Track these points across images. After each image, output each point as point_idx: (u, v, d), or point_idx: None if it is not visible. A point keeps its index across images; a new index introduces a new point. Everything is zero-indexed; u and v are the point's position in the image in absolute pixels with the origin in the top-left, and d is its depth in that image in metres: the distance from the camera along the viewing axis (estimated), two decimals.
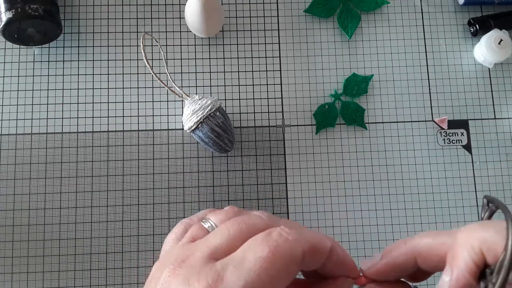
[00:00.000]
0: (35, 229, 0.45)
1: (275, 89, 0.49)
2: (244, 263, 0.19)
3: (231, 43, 0.50)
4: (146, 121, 0.48)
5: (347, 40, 0.50)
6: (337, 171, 0.48)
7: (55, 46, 0.48)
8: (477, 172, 0.49)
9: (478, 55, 0.50)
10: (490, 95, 0.50)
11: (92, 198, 0.46)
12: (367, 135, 0.49)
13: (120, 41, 0.49)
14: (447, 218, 0.47)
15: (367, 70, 0.50)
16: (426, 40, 0.51)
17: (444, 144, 0.49)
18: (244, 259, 0.20)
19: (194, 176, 0.47)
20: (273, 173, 0.47)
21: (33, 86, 0.48)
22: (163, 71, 0.48)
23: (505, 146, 0.49)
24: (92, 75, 0.48)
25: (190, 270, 0.20)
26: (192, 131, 0.43)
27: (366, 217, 0.47)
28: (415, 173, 0.48)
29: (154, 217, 0.46)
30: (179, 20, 0.50)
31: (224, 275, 0.19)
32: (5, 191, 0.45)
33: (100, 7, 0.49)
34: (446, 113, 0.50)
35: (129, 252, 0.45)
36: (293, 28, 0.50)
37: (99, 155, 0.47)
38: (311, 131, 0.48)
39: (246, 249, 0.20)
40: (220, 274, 0.19)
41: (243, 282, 0.19)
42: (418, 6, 0.52)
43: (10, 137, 0.46)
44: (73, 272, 0.44)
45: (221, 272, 0.19)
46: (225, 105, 0.48)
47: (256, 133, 0.48)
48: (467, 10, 0.52)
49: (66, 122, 0.47)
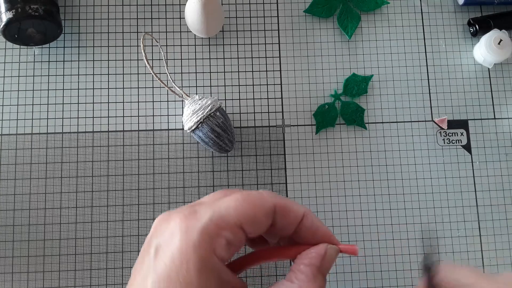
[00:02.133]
0: (35, 229, 0.45)
1: (275, 89, 0.49)
2: (217, 203, 0.24)
3: (231, 43, 0.50)
4: (146, 121, 0.48)
5: (347, 40, 0.50)
6: (337, 171, 0.48)
7: (55, 46, 0.48)
8: (476, 172, 0.49)
9: (478, 55, 0.50)
10: (490, 95, 0.50)
11: (92, 198, 0.46)
12: (367, 135, 0.49)
13: (120, 41, 0.49)
14: (447, 218, 0.47)
15: (367, 70, 0.50)
16: (426, 40, 0.51)
17: (443, 144, 0.49)
18: (218, 201, 0.24)
19: (194, 176, 0.47)
20: (273, 173, 0.47)
21: (33, 86, 0.48)
22: (163, 71, 0.48)
23: (505, 146, 0.49)
24: (92, 75, 0.48)
25: (173, 214, 0.24)
26: (192, 131, 0.43)
27: (366, 217, 0.47)
28: (414, 173, 0.48)
29: (154, 217, 0.46)
30: (179, 20, 0.50)
31: (199, 210, 0.23)
32: (5, 191, 0.45)
33: (100, 7, 0.49)
34: (445, 113, 0.50)
35: (129, 252, 0.45)
36: (293, 28, 0.50)
37: (99, 155, 0.47)
38: (311, 131, 0.48)
39: (223, 198, 0.24)
40: (196, 210, 0.23)
41: (211, 213, 0.23)
42: (418, 6, 0.52)
43: (10, 137, 0.46)
44: (73, 272, 0.44)
45: (197, 208, 0.23)
46: (225, 105, 0.48)
47: (256, 133, 0.48)
48: (467, 10, 0.52)
49: (66, 122, 0.47)
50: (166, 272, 0.22)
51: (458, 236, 0.47)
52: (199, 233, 0.22)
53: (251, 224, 0.23)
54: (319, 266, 0.24)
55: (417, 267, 0.46)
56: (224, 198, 0.24)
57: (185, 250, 0.22)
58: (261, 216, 0.24)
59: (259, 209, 0.23)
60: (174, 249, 0.22)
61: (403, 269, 0.46)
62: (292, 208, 0.25)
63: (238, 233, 0.23)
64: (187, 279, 0.21)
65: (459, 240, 0.47)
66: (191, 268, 0.21)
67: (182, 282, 0.21)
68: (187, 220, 0.23)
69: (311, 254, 0.24)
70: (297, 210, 0.25)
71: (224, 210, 0.23)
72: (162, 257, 0.22)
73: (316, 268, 0.24)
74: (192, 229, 0.22)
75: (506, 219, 0.48)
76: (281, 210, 0.24)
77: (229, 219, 0.23)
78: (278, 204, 0.24)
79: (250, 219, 0.23)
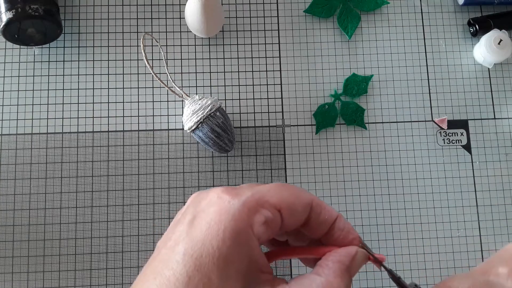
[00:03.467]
0: (35, 229, 0.45)
1: (275, 89, 0.49)
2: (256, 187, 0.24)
3: (231, 43, 0.50)
4: (146, 121, 0.48)
5: (347, 40, 0.50)
6: (337, 171, 0.48)
7: (55, 46, 0.48)
8: (476, 172, 0.49)
9: (478, 55, 0.50)
10: (490, 95, 0.50)
11: (92, 198, 0.46)
12: (367, 135, 0.49)
13: (120, 41, 0.49)
14: (447, 218, 0.47)
15: (367, 70, 0.50)
16: (426, 40, 0.51)
17: (443, 144, 0.49)
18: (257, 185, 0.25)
19: (194, 176, 0.47)
20: (273, 173, 0.47)
21: (33, 86, 0.48)
22: (163, 71, 0.48)
23: (505, 146, 0.49)
24: (92, 75, 0.48)
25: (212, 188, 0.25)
26: (192, 131, 0.43)
27: (366, 217, 0.47)
28: (415, 173, 0.48)
29: (154, 217, 0.46)
30: (179, 20, 0.50)
31: (240, 188, 0.24)
32: (5, 191, 0.45)
33: (100, 7, 0.49)
34: (445, 113, 0.50)
35: (129, 252, 0.45)
36: (293, 28, 0.50)
37: (99, 155, 0.47)
38: (311, 131, 0.48)
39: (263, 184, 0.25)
40: (237, 187, 0.24)
41: (252, 191, 0.23)
42: (418, 6, 0.52)
43: (10, 137, 0.46)
44: (73, 272, 0.44)
45: (238, 187, 0.24)
46: (225, 105, 0.48)
47: (256, 133, 0.48)
48: (467, 10, 0.52)
49: (66, 122, 0.47)
50: (201, 238, 0.22)
51: (458, 236, 0.47)
52: (239, 205, 0.22)
53: (289, 211, 0.24)
54: (348, 265, 0.24)
55: (417, 267, 0.46)
56: (263, 184, 0.25)
57: (224, 218, 0.22)
58: (299, 206, 0.24)
59: (298, 199, 0.24)
60: (212, 217, 0.22)
61: (403, 269, 0.46)
62: (327, 208, 0.25)
63: (276, 215, 0.23)
64: (220, 247, 0.21)
65: (459, 240, 0.47)
66: (227, 237, 0.21)
67: (215, 249, 0.21)
68: (227, 192, 0.23)
69: (341, 252, 0.25)
70: (331, 211, 0.25)
71: (265, 191, 0.23)
72: (199, 223, 0.22)
73: (345, 266, 0.24)
74: (232, 200, 0.23)
75: (506, 219, 0.48)
76: (317, 207, 0.25)
77: (269, 199, 0.23)
78: (315, 201, 0.25)
79: (289, 205, 0.24)
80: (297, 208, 0.24)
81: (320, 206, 0.25)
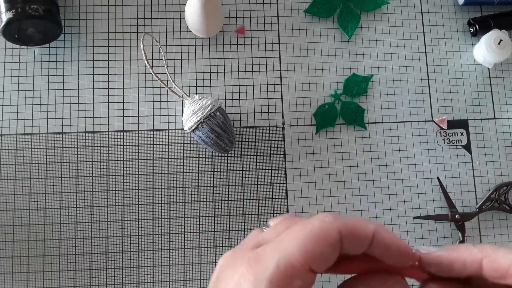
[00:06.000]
0: (35, 229, 0.45)
1: (275, 89, 0.49)
2: (280, 243, 0.22)
3: (231, 43, 0.50)
4: (146, 121, 0.48)
5: (347, 40, 0.50)
6: (337, 171, 0.48)
7: (55, 46, 0.48)
8: (476, 172, 0.49)
9: (478, 55, 0.50)
10: (490, 95, 0.50)
11: (92, 198, 0.46)
12: (367, 135, 0.49)
13: (120, 41, 0.49)
14: None
15: (367, 70, 0.50)
16: (426, 40, 0.51)
17: (444, 144, 0.49)
18: (281, 240, 0.22)
19: (194, 176, 0.47)
20: (273, 173, 0.47)
21: (33, 86, 0.48)
22: (163, 71, 0.48)
23: (505, 146, 0.49)
24: (92, 75, 0.48)
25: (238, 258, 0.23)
26: (192, 131, 0.43)
27: (366, 217, 0.47)
28: (415, 173, 0.48)
29: (154, 217, 0.46)
30: (179, 20, 0.50)
31: (263, 254, 0.22)
32: (5, 191, 0.45)
33: (100, 7, 0.49)
34: (446, 113, 0.50)
35: (129, 252, 0.45)
36: (293, 28, 0.50)
37: (99, 155, 0.47)
38: (311, 131, 0.48)
39: (285, 233, 0.23)
40: (260, 254, 0.22)
41: (276, 258, 0.21)
42: (418, 6, 0.52)
43: (10, 137, 0.46)
44: (73, 272, 0.44)
45: (261, 252, 0.22)
46: (225, 105, 0.48)
47: (256, 133, 0.48)
48: (467, 10, 0.52)
49: (66, 122, 0.47)
50: None
51: (458, 235, 0.47)
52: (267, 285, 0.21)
53: (318, 263, 0.22)
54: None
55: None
56: (287, 235, 0.22)
57: None
58: (328, 251, 0.22)
59: (324, 243, 0.22)
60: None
61: None
62: (360, 229, 0.22)
63: (307, 276, 0.22)
64: None
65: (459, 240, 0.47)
66: None
67: None
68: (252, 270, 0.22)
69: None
70: (365, 229, 0.23)
71: (290, 253, 0.21)
72: None
73: None
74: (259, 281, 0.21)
75: (506, 219, 0.48)
76: (348, 234, 0.22)
77: (296, 265, 0.21)
78: (343, 228, 0.22)
79: (317, 258, 0.22)
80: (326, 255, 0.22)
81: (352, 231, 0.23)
